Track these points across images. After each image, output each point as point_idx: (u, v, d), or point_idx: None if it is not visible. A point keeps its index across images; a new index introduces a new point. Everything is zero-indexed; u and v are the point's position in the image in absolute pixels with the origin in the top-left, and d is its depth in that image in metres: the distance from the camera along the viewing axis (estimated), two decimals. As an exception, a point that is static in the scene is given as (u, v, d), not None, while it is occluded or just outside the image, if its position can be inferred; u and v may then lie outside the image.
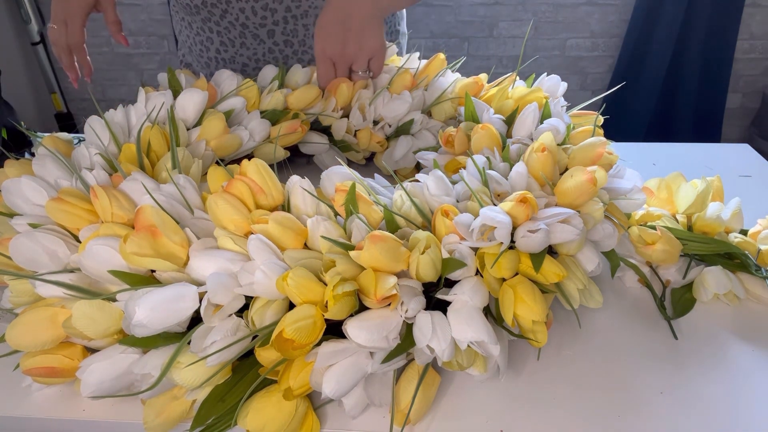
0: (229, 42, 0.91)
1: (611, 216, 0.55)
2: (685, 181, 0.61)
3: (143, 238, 0.44)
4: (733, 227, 0.60)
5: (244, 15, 0.86)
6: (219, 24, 0.89)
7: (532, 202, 0.48)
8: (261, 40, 0.90)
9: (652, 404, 0.47)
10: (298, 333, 0.40)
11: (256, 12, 0.86)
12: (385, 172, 0.77)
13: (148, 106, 0.65)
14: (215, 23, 0.89)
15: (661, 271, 0.60)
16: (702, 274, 0.57)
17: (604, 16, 2.34)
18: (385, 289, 0.42)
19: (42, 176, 0.54)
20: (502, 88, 0.73)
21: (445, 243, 0.47)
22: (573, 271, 0.50)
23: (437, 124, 0.76)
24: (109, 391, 0.44)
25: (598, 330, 0.54)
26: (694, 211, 0.59)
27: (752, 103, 2.54)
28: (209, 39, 0.92)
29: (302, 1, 0.85)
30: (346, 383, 0.42)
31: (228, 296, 0.43)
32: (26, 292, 0.47)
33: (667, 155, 0.89)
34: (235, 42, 0.91)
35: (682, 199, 0.60)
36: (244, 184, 0.49)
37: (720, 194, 0.63)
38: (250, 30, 0.89)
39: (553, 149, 0.55)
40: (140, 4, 2.33)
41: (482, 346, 0.43)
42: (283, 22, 0.88)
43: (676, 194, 0.61)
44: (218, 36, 0.91)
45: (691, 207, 0.59)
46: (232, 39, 0.91)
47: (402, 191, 0.51)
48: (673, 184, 0.62)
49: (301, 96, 0.74)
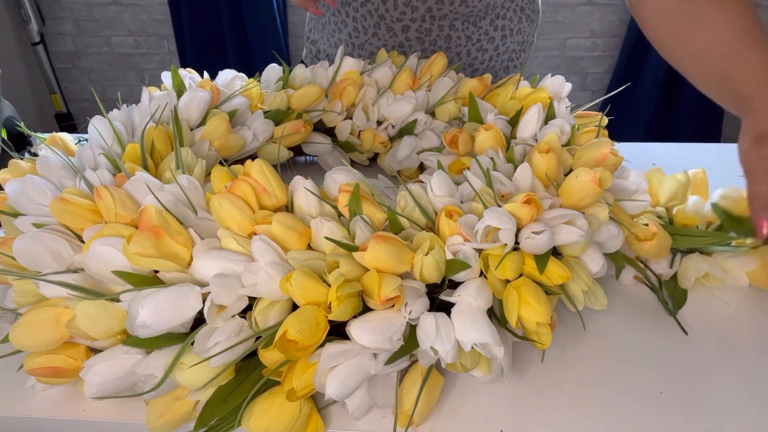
0: (362, 29, 0.92)
1: (616, 217, 0.55)
2: (664, 175, 0.63)
3: (147, 239, 0.44)
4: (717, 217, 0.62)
5: (384, 7, 0.87)
6: (357, 10, 0.89)
7: (536, 203, 0.47)
8: (394, 33, 0.90)
9: (653, 404, 0.47)
10: (302, 334, 0.40)
11: (397, 6, 0.86)
12: (388, 172, 0.77)
13: (152, 105, 0.65)
14: (354, 9, 0.90)
15: (653, 265, 0.60)
16: (683, 264, 0.58)
17: (604, 16, 2.34)
18: (388, 291, 0.41)
19: (46, 176, 0.54)
20: (506, 88, 0.73)
21: (449, 244, 0.47)
22: (577, 273, 0.50)
23: (441, 124, 0.76)
24: (112, 392, 0.44)
25: (600, 330, 0.54)
26: (676, 203, 0.62)
27: (753, 104, 2.54)
28: (344, 22, 0.93)
29: (445, 5, 0.86)
30: (349, 384, 0.42)
31: (231, 297, 0.43)
32: (30, 292, 0.47)
33: (667, 155, 0.89)
34: (368, 31, 0.91)
35: (665, 191, 0.61)
36: (247, 185, 0.49)
37: (704, 187, 0.64)
38: (386, 22, 0.89)
39: (557, 150, 0.54)
40: (140, 4, 2.33)
41: (486, 348, 0.43)
42: (420, 20, 0.88)
43: (658, 187, 0.63)
44: (353, 21, 0.91)
45: (672, 199, 0.61)
46: (366, 27, 0.91)
47: (406, 192, 0.51)
48: (653, 178, 0.63)
49: (303, 96, 0.74)
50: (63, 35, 2.42)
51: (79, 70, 2.52)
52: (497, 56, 0.95)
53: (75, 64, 2.50)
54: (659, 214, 0.63)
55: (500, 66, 0.97)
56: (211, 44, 2.35)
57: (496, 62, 0.96)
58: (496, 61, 0.96)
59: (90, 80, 2.55)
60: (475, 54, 0.92)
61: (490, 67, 0.96)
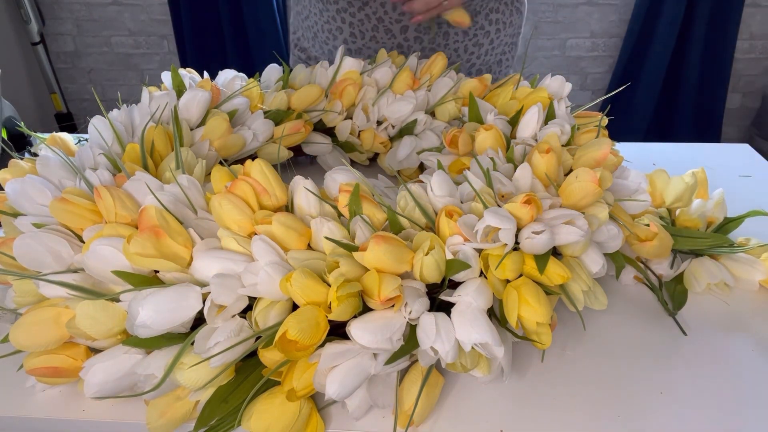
0: (359, 34, 0.92)
1: (616, 217, 0.55)
2: (669, 176, 0.63)
3: (147, 239, 0.44)
4: (717, 217, 0.63)
5: (383, 9, 0.87)
6: (355, 15, 0.90)
7: (536, 203, 0.47)
8: (393, 34, 0.91)
9: (653, 404, 0.47)
10: (302, 334, 0.40)
11: (396, 8, 0.87)
12: (388, 172, 0.77)
13: (152, 105, 0.65)
14: (351, 14, 0.90)
15: (653, 266, 0.60)
16: (691, 266, 0.58)
17: (604, 16, 2.34)
18: (388, 291, 0.41)
19: (46, 176, 0.54)
20: (506, 88, 0.73)
21: (449, 244, 0.47)
22: (577, 273, 0.50)
23: (441, 124, 0.76)
24: (112, 392, 0.44)
25: (599, 330, 0.54)
26: (680, 206, 0.61)
27: (752, 103, 2.54)
28: (339, 29, 0.93)
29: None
30: (349, 384, 0.42)
31: (231, 297, 0.43)
32: (30, 293, 0.47)
33: (667, 155, 0.89)
34: (366, 34, 0.91)
35: (671, 192, 0.61)
36: (247, 185, 0.49)
37: (704, 187, 0.65)
38: (384, 24, 0.89)
39: (557, 150, 0.54)
40: (140, 4, 2.33)
41: (486, 348, 0.43)
42: None
43: (665, 189, 0.63)
44: (350, 27, 0.92)
45: (677, 201, 0.61)
46: (363, 31, 0.91)
47: (406, 192, 0.51)
48: (657, 179, 0.63)
49: (303, 96, 0.74)
50: (63, 35, 2.41)
51: (79, 70, 2.52)
52: (492, 50, 0.95)
53: (75, 64, 2.50)
54: (661, 215, 0.63)
55: (494, 60, 0.98)
56: (211, 44, 2.34)
57: (490, 56, 0.96)
58: (491, 55, 0.96)
59: (90, 80, 2.55)
60: (472, 49, 0.93)
61: (485, 62, 0.96)
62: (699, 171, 0.64)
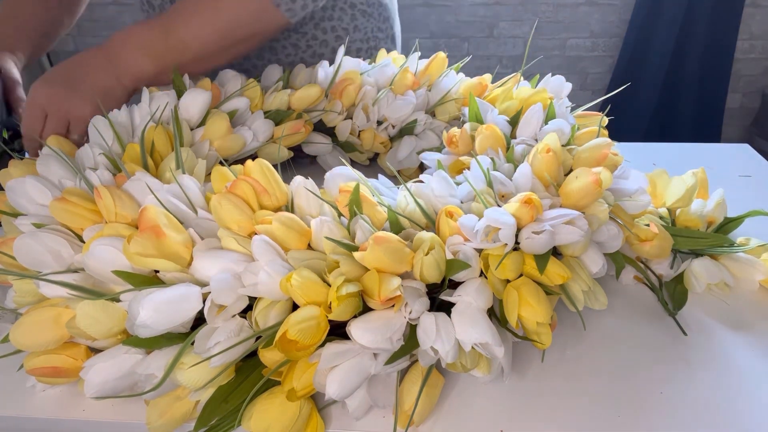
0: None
1: (616, 217, 0.55)
2: (669, 177, 0.63)
3: (147, 239, 0.44)
4: (717, 217, 0.62)
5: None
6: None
7: (536, 203, 0.47)
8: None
9: (653, 404, 0.47)
10: (302, 334, 0.40)
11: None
12: (388, 172, 0.77)
13: (152, 106, 0.65)
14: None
15: (653, 266, 0.60)
16: (692, 266, 0.58)
17: (604, 16, 2.34)
18: (389, 291, 0.41)
19: (46, 176, 0.54)
20: (506, 88, 0.73)
21: (450, 244, 0.47)
22: (578, 273, 0.50)
23: (441, 124, 0.76)
24: (112, 392, 0.44)
25: (600, 330, 0.54)
26: (681, 206, 0.61)
27: (752, 103, 2.54)
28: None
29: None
30: (349, 384, 0.42)
31: (232, 297, 0.43)
32: (30, 292, 0.47)
33: (667, 155, 0.89)
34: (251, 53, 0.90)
35: (672, 192, 0.61)
36: (247, 185, 0.49)
37: (704, 187, 0.65)
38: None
39: (557, 150, 0.54)
40: (141, 4, 2.33)
41: (486, 348, 0.43)
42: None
43: (665, 189, 0.63)
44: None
45: (678, 201, 0.61)
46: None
47: (406, 192, 0.51)
48: (658, 180, 0.63)
49: (303, 96, 0.74)
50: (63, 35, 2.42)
51: (79, 70, 2.52)
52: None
53: (75, 63, 2.50)
54: (661, 215, 0.63)
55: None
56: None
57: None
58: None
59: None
60: (316, 60, 0.89)
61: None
62: (699, 171, 0.64)
